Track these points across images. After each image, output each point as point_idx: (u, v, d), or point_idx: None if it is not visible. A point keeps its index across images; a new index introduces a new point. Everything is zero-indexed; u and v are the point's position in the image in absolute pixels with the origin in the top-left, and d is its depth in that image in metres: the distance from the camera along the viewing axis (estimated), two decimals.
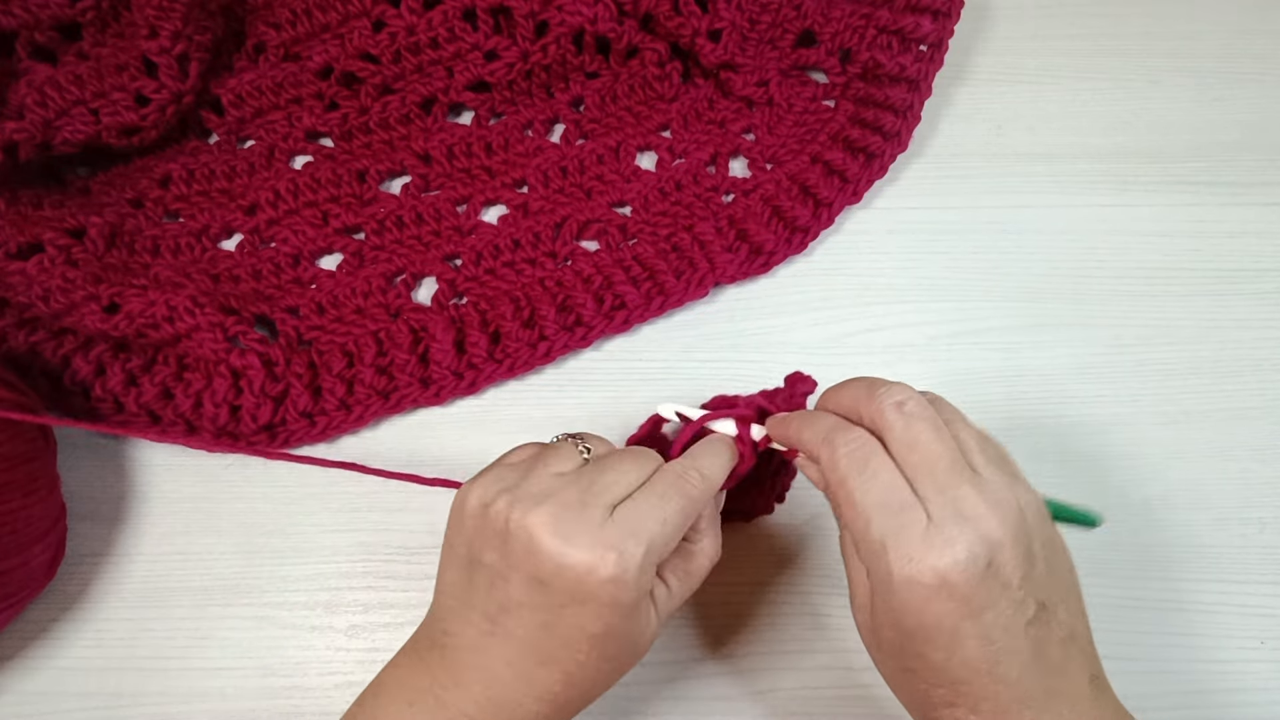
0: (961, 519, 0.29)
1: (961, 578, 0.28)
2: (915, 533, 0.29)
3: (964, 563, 0.28)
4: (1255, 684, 0.42)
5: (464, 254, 0.50)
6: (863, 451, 0.31)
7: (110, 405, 0.45)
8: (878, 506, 0.30)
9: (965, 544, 0.29)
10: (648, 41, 0.53)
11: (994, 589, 0.29)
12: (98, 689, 0.42)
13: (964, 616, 0.29)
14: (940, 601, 0.29)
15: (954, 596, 0.29)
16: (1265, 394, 0.48)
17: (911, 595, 0.29)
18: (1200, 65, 0.57)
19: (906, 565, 0.29)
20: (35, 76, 0.48)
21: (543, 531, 0.30)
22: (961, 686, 0.30)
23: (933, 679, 0.30)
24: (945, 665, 0.29)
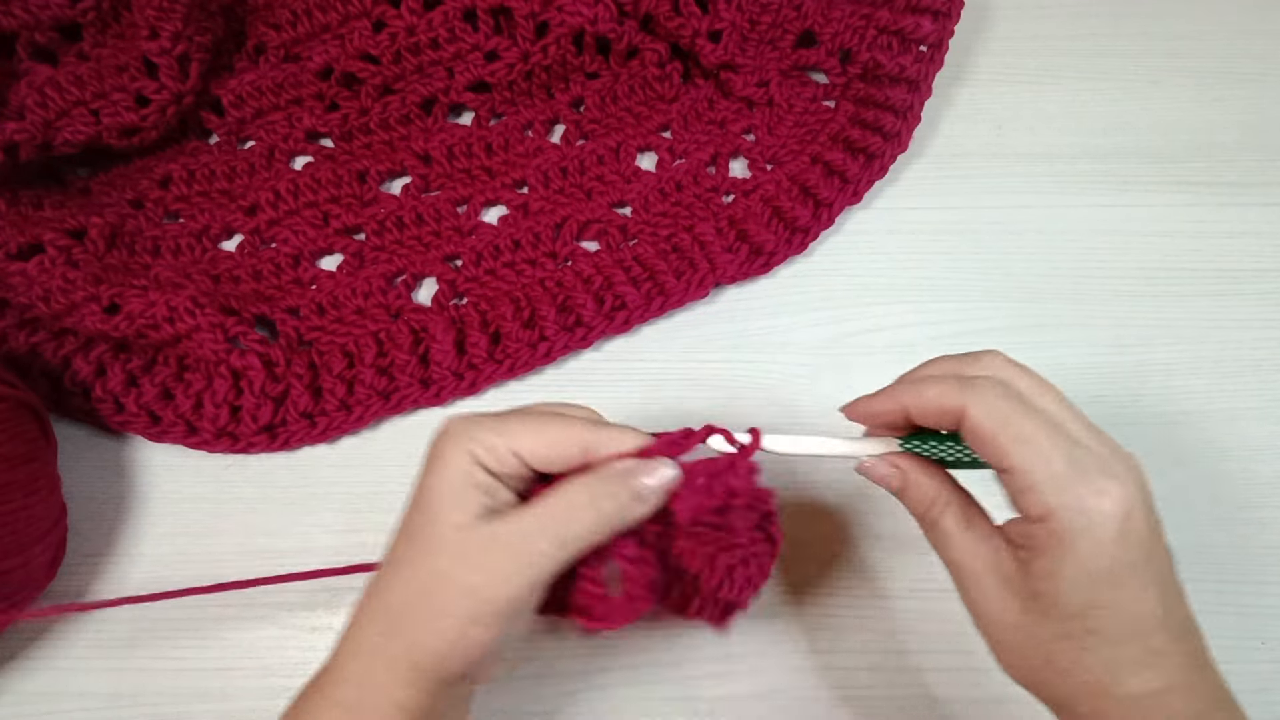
0: (1120, 457, 0.29)
1: (1140, 512, 0.28)
2: (1096, 466, 0.28)
3: (1140, 498, 0.28)
4: (1255, 684, 0.42)
5: (464, 254, 0.50)
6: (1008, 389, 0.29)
7: (110, 406, 0.45)
8: (1056, 440, 0.28)
9: (1135, 482, 0.28)
10: (648, 42, 0.53)
11: (1156, 528, 0.28)
12: (98, 689, 0.41)
13: (1147, 554, 0.28)
14: (1129, 534, 0.28)
15: (1137, 531, 0.28)
16: (1265, 394, 0.48)
17: (1107, 530, 0.27)
18: (1200, 65, 0.57)
19: (1100, 498, 0.27)
20: (36, 77, 0.48)
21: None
22: (1148, 642, 0.28)
23: (1123, 633, 0.28)
24: (1134, 611, 0.28)
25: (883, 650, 0.43)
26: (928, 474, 0.33)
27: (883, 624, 0.43)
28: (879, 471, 0.33)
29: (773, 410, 0.47)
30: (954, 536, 0.31)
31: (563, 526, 0.30)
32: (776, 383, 0.48)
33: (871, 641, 0.43)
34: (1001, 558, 0.30)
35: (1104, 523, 0.27)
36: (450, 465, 0.30)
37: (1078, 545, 0.28)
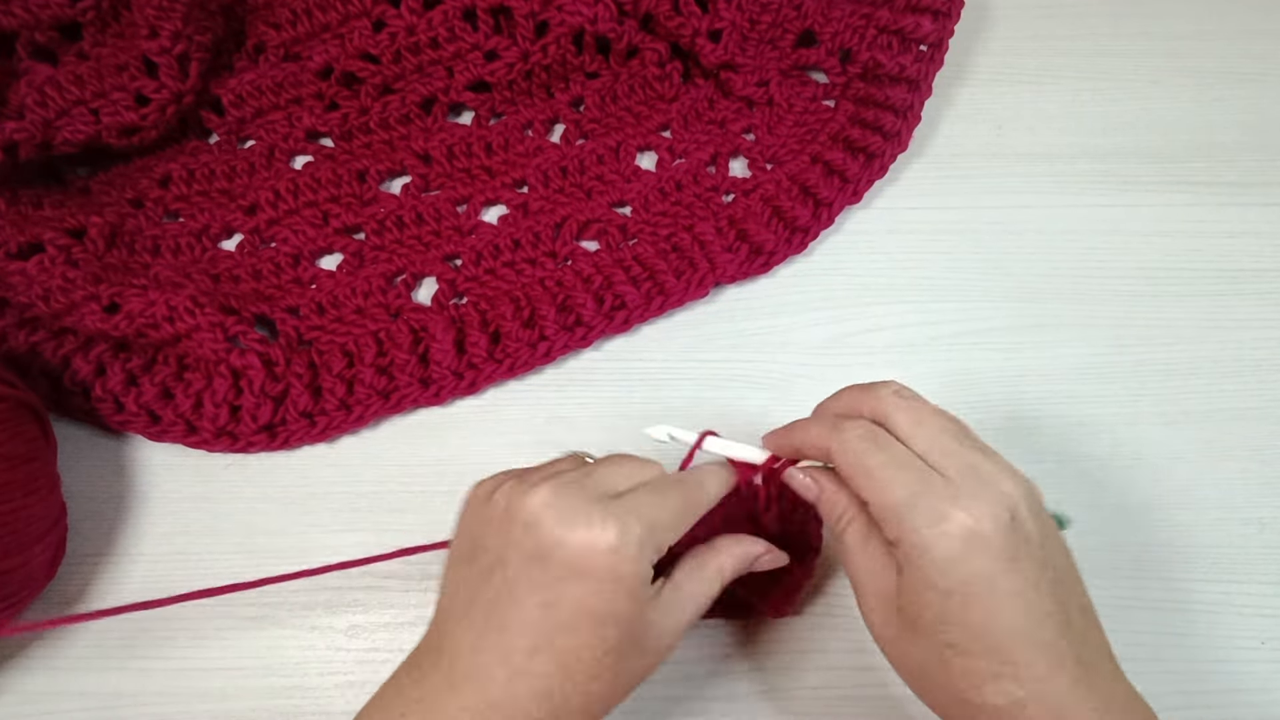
0: (979, 478, 0.31)
1: (991, 528, 0.29)
2: (939, 493, 0.30)
3: (990, 515, 0.30)
4: (1255, 684, 0.42)
5: (464, 254, 0.50)
6: (871, 431, 0.32)
7: (110, 405, 0.45)
8: (899, 474, 0.31)
9: (988, 500, 0.30)
10: (648, 41, 0.53)
11: (1019, 542, 0.30)
12: (98, 689, 0.41)
13: (999, 569, 0.29)
14: (975, 553, 0.29)
15: (988, 547, 0.29)
16: (1265, 394, 0.48)
17: (948, 550, 0.29)
18: (1200, 65, 0.57)
19: (939, 522, 0.30)
20: (35, 76, 0.48)
21: (543, 507, 0.31)
22: (1004, 654, 0.29)
23: (976, 647, 0.30)
24: (987, 628, 0.29)
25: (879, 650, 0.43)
26: (840, 489, 0.35)
27: None
28: (797, 480, 0.36)
29: (772, 410, 0.47)
30: (852, 551, 0.33)
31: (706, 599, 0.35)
32: (776, 383, 0.48)
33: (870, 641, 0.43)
34: (885, 576, 0.32)
35: (945, 545, 0.29)
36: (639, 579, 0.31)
37: (921, 566, 0.30)
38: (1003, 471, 0.31)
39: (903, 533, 0.30)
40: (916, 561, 0.30)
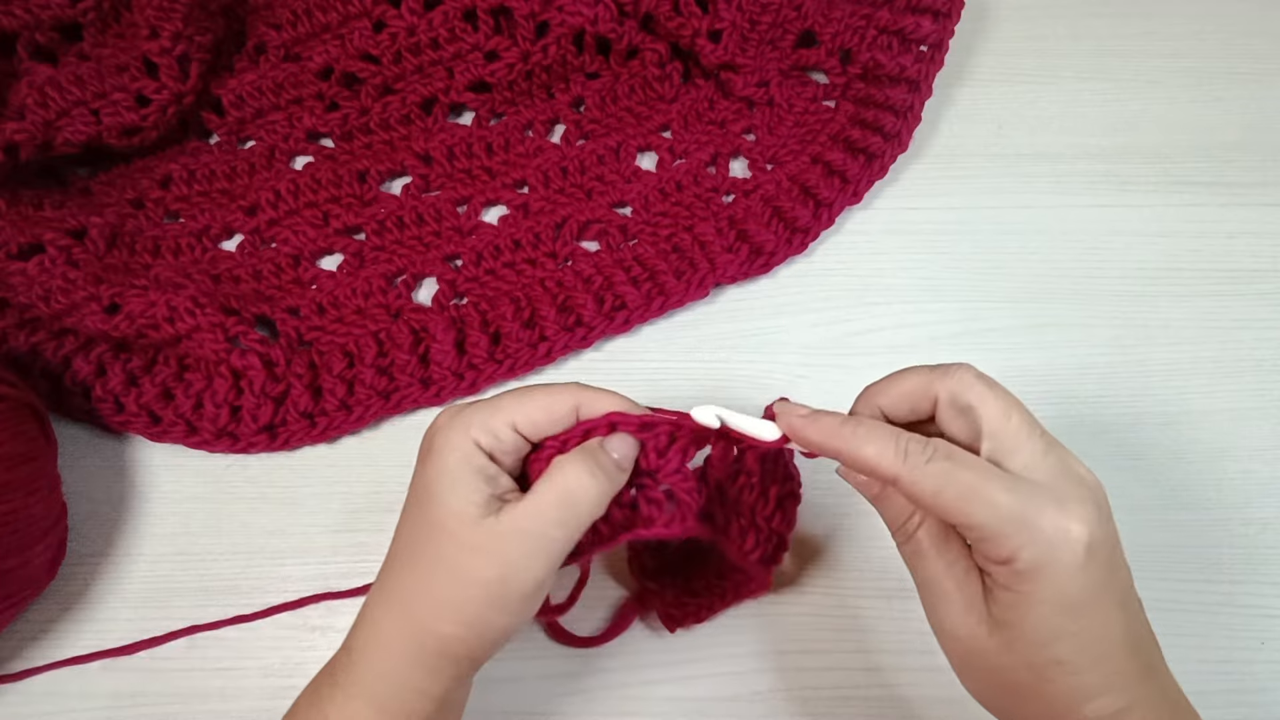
0: (1079, 481, 0.28)
1: (1099, 533, 0.28)
2: (1046, 500, 0.27)
3: (1095, 519, 0.28)
4: (1255, 684, 0.42)
5: (464, 254, 0.50)
6: (945, 449, 0.29)
7: (111, 405, 0.45)
8: (997, 491, 0.28)
9: (1093, 503, 0.28)
10: (648, 42, 0.53)
11: (1116, 546, 0.28)
12: (98, 689, 0.42)
13: (1105, 577, 0.28)
14: (1091, 562, 0.27)
15: (1099, 557, 0.28)
16: (1265, 394, 0.48)
17: (1071, 564, 0.27)
18: (1200, 65, 0.57)
19: (1057, 534, 0.27)
20: (36, 77, 0.48)
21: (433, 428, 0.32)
22: (1111, 665, 0.28)
23: (1086, 662, 0.28)
24: (1100, 640, 0.28)
25: (879, 650, 0.43)
26: None
27: (879, 624, 0.43)
28: (858, 476, 0.32)
29: None
30: (928, 552, 0.31)
31: (568, 510, 0.30)
32: (776, 383, 0.48)
33: (868, 642, 0.43)
34: (970, 581, 0.30)
35: (1067, 555, 0.27)
36: (452, 455, 0.31)
37: (1043, 581, 0.27)
38: (1082, 466, 0.29)
39: (1018, 549, 0.27)
40: (1035, 577, 0.27)
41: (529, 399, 0.32)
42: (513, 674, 0.42)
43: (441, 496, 0.30)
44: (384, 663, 0.31)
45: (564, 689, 0.42)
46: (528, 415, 0.31)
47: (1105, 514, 0.28)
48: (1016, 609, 0.28)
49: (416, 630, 0.31)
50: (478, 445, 0.31)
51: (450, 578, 0.30)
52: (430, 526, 0.31)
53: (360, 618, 0.32)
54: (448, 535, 0.30)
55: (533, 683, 0.42)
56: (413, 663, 0.31)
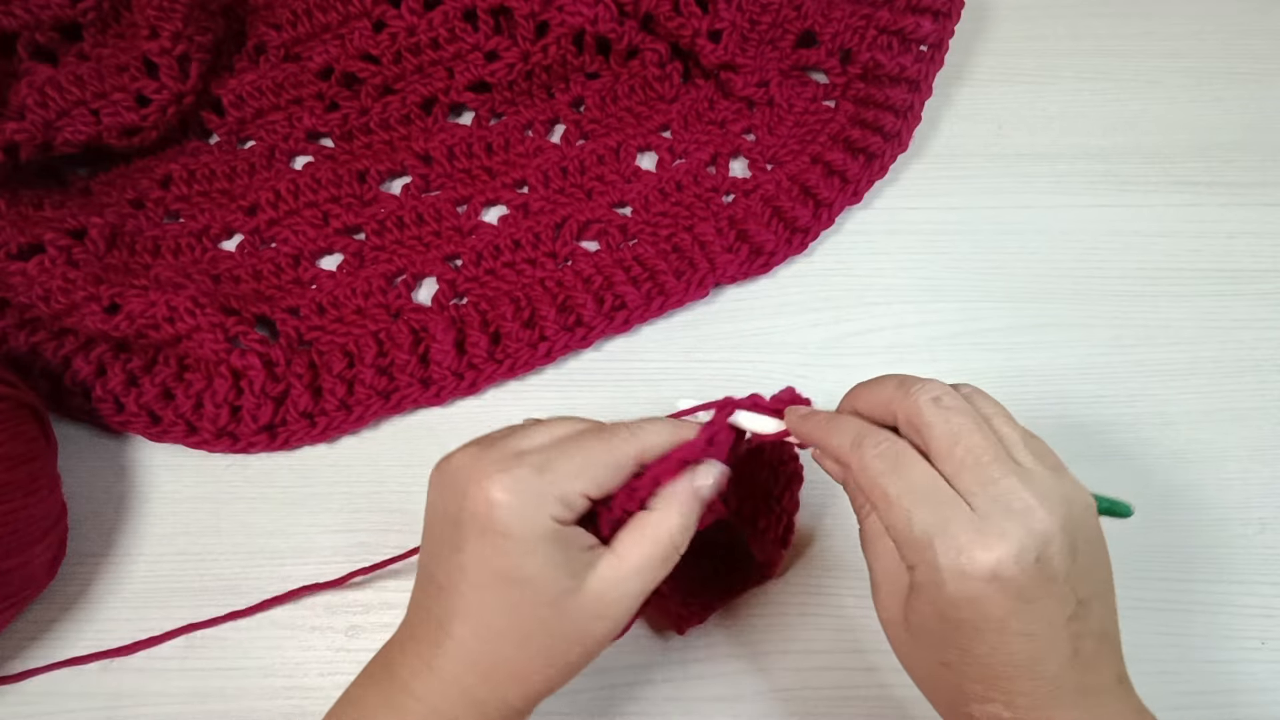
0: (1009, 512, 0.29)
1: (1013, 571, 0.28)
2: (963, 526, 0.28)
3: (1015, 556, 0.28)
4: (1255, 684, 0.42)
5: (464, 254, 0.50)
6: (893, 451, 0.31)
7: (111, 405, 0.45)
8: (919, 502, 0.29)
9: (1016, 538, 0.28)
10: (648, 42, 0.53)
11: (1042, 583, 0.28)
12: (98, 689, 0.41)
13: (1012, 610, 0.28)
14: (992, 595, 0.28)
15: (1006, 590, 0.28)
16: (1265, 394, 0.48)
17: (963, 588, 0.28)
18: (1200, 65, 0.57)
19: (957, 558, 0.28)
20: (36, 77, 0.48)
21: (459, 470, 0.31)
22: (1000, 682, 0.29)
23: (971, 674, 0.29)
24: (988, 660, 0.29)
25: (880, 650, 0.42)
26: None
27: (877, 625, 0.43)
28: (827, 462, 0.34)
29: None
30: (869, 542, 0.32)
31: (660, 565, 0.32)
32: (777, 383, 0.48)
33: (869, 642, 0.43)
34: (898, 575, 0.31)
35: (960, 585, 0.28)
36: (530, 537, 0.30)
37: (933, 596, 0.29)
38: (1042, 499, 0.29)
39: (919, 562, 0.29)
40: (929, 590, 0.29)
41: (592, 463, 0.31)
42: None
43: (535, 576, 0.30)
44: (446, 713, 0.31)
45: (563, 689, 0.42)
46: (597, 481, 0.31)
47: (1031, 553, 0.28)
48: (917, 612, 0.30)
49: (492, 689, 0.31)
50: (557, 520, 0.30)
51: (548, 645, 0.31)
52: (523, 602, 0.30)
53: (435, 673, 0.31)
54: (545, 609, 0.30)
55: None
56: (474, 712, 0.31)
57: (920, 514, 0.29)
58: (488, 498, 0.30)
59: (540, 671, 0.31)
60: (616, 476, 0.32)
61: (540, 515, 0.30)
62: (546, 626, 0.31)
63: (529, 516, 0.30)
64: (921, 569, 0.29)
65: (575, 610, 0.30)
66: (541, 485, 0.30)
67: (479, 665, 0.31)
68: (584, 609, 0.31)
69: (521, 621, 0.31)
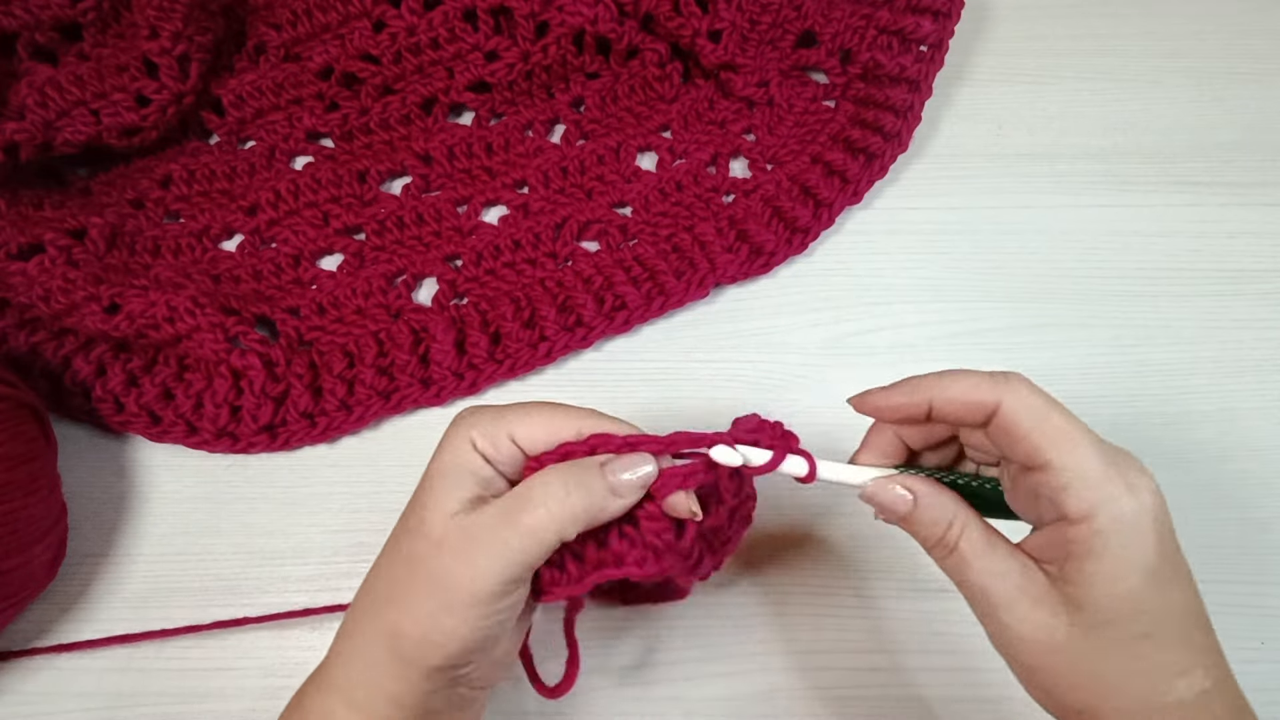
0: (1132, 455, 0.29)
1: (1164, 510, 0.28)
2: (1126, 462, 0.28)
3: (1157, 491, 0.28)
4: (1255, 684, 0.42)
5: (464, 254, 0.50)
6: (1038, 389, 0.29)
7: (111, 405, 0.45)
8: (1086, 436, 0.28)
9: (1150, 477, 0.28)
10: (648, 42, 0.53)
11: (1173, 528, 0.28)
12: (97, 689, 0.41)
13: (1177, 548, 0.28)
14: (1166, 528, 0.27)
15: (1169, 524, 0.27)
16: (1265, 394, 0.48)
17: (1147, 524, 0.27)
18: (1200, 65, 0.57)
19: (1136, 493, 0.27)
20: (36, 77, 0.48)
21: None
22: (1195, 640, 0.28)
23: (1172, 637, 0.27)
24: (1182, 609, 0.27)
25: (881, 650, 0.43)
26: (940, 495, 0.31)
27: (881, 624, 0.43)
28: (888, 495, 0.31)
29: (772, 410, 0.47)
30: (976, 559, 0.29)
31: (530, 518, 0.29)
32: (776, 383, 0.48)
33: (870, 641, 0.43)
34: (1031, 576, 0.28)
35: (1145, 517, 0.27)
36: (449, 451, 0.31)
37: (1123, 542, 0.26)
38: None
39: (1103, 500, 0.27)
40: (1115, 536, 0.26)
41: (533, 413, 0.31)
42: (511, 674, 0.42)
43: (430, 490, 0.30)
44: (358, 664, 0.30)
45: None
46: (528, 429, 0.31)
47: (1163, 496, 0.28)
48: (1095, 583, 0.27)
49: (383, 629, 0.30)
50: (474, 446, 0.30)
51: (411, 571, 0.30)
52: (413, 519, 0.31)
53: (344, 619, 0.32)
54: (424, 528, 0.30)
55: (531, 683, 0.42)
56: (381, 665, 0.30)
57: (1091, 445, 0.27)
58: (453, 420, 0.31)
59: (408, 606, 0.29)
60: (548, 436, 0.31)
61: (462, 438, 0.30)
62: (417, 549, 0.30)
63: (452, 437, 0.31)
64: (1107, 508, 0.27)
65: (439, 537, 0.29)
66: (477, 415, 0.31)
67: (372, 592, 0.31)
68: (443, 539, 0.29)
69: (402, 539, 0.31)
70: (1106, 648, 0.27)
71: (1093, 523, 0.27)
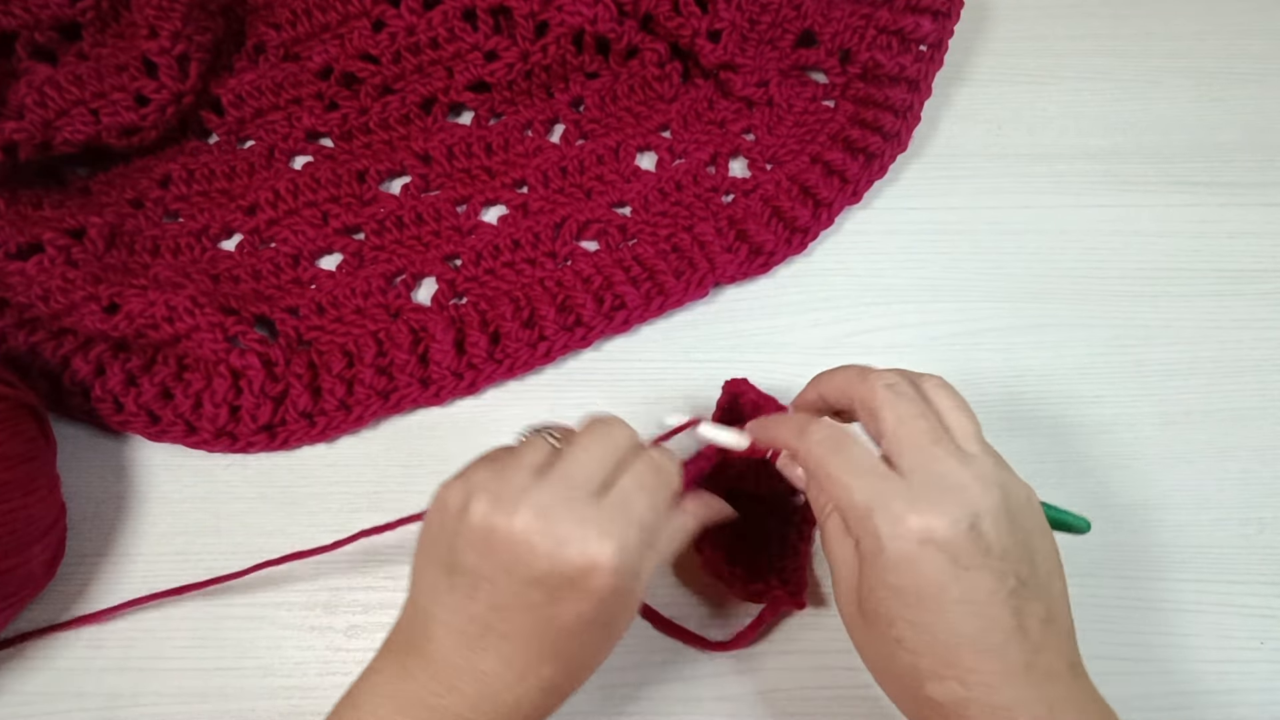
0: (944, 488, 0.31)
1: (946, 534, 0.30)
2: (899, 496, 0.31)
3: (948, 523, 0.30)
4: (1255, 684, 0.42)
5: (464, 254, 0.50)
6: (835, 435, 0.34)
7: (110, 405, 0.45)
8: (858, 477, 0.32)
9: (948, 508, 0.30)
10: (648, 42, 0.53)
11: (976, 553, 0.30)
12: (96, 689, 0.41)
13: (949, 575, 0.30)
14: (928, 556, 0.30)
15: (941, 551, 0.30)
16: (1265, 394, 0.48)
17: (902, 551, 0.30)
18: (1200, 65, 0.57)
19: (894, 525, 0.30)
20: (35, 77, 0.48)
21: (530, 534, 0.30)
22: (948, 655, 0.30)
23: (921, 647, 0.31)
24: (934, 628, 0.30)
25: None
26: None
27: None
28: (789, 472, 0.36)
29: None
30: (829, 541, 0.34)
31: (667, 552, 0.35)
32: (776, 383, 0.48)
33: None
34: (853, 566, 0.33)
35: (897, 547, 0.30)
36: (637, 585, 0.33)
37: (875, 564, 0.31)
38: (978, 479, 0.31)
39: (861, 532, 0.31)
40: (871, 559, 0.31)
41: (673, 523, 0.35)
42: None
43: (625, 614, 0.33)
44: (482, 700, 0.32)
45: None
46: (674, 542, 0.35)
47: (964, 522, 0.30)
48: (865, 589, 0.32)
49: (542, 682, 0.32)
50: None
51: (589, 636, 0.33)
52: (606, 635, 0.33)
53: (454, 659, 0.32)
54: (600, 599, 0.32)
55: None
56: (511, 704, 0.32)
57: (860, 485, 0.32)
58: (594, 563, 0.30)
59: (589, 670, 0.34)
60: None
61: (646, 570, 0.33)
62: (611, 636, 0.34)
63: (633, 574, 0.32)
64: (865, 539, 0.31)
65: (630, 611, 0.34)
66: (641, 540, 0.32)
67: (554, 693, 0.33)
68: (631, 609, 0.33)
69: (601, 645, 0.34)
70: (876, 641, 0.32)
71: (859, 545, 0.32)
